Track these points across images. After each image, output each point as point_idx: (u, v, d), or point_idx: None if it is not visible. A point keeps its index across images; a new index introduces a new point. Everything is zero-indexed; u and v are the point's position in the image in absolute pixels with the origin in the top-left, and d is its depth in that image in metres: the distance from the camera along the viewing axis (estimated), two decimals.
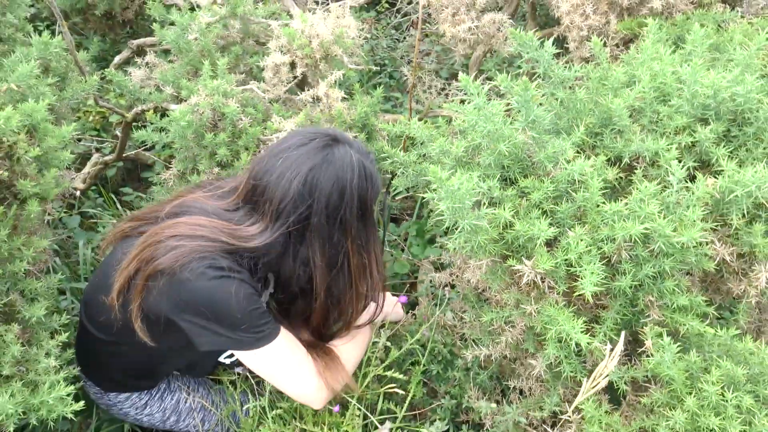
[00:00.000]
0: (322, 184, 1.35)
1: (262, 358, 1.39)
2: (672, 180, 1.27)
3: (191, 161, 1.90)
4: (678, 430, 1.17)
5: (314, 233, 1.39)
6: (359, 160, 1.40)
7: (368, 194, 1.42)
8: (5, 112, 1.39)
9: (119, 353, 1.54)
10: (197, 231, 1.34)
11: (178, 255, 1.30)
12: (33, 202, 1.47)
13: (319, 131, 1.43)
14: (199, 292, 1.29)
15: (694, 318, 1.28)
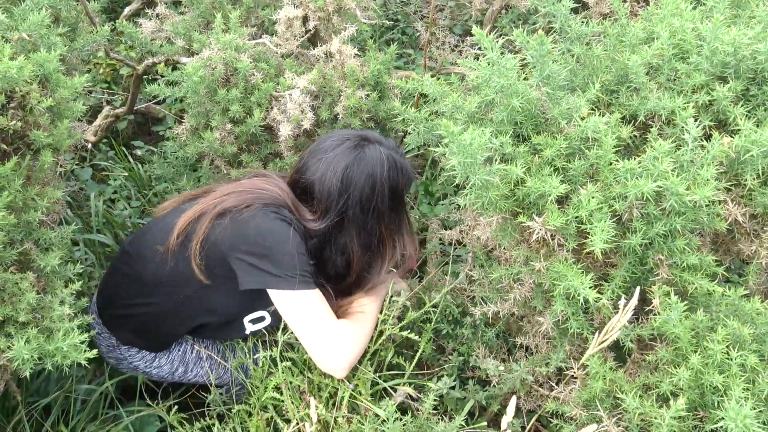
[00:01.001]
0: (356, 180, 1.54)
1: (297, 301, 1.47)
2: (687, 138, 1.26)
3: (204, 117, 1.90)
4: (682, 387, 1.18)
5: (351, 223, 1.57)
6: (389, 155, 1.57)
7: (399, 185, 1.60)
8: (18, 61, 1.38)
9: (153, 305, 1.64)
10: (265, 192, 1.54)
11: (243, 199, 1.51)
12: (46, 153, 1.47)
13: (352, 133, 1.62)
14: (259, 227, 1.46)
15: (704, 277, 1.28)
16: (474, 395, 1.62)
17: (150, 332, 1.69)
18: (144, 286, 1.64)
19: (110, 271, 1.76)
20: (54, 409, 1.71)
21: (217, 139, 1.84)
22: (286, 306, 1.48)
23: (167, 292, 1.61)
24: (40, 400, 1.70)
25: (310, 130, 1.84)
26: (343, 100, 1.84)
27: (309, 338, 1.48)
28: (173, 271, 1.55)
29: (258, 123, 1.82)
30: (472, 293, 1.71)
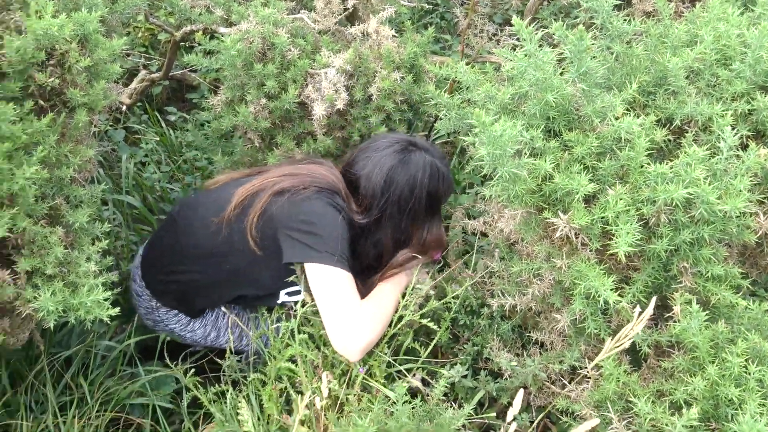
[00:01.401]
0: (398, 181, 1.63)
1: (329, 276, 1.52)
2: (723, 146, 1.24)
3: (239, 89, 1.91)
4: (696, 396, 1.17)
5: (388, 221, 1.66)
6: (433, 163, 1.66)
7: (438, 191, 1.69)
8: (59, 19, 1.40)
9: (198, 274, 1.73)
10: (322, 177, 1.64)
11: (301, 181, 1.61)
12: (81, 112, 1.49)
13: (403, 138, 1.71)
14: (312, 208, 1.57)
15: (728, 289, 1.27)
16: (485, 386, 1.62)
17: (191, 299, 1.78)
18: (191, 256, 1.73)
19: (156, 238, 1.85)
20: (75, 362, 1.76)
21: (252, 113, 1.85)
22: (318, 279, 1.52)
23: (215, 263, 1.69)
24: (61, 352, 1.74)
25: (343, 110, 1.84)
26: (377, 82, 1.83)
27: (330, 315, 1.51)
28: (225, 241, 1.64)
29: (292, 100, 1.83)
30: (492, 286, 1.71)
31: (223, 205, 1.63)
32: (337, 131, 1.95)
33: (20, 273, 1.36)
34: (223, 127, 1.93)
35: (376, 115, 1.88)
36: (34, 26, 1.38)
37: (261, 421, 1.64)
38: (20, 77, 1.42)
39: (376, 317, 1.54)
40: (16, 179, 1.29)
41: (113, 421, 1.75)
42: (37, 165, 1.32)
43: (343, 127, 1.96)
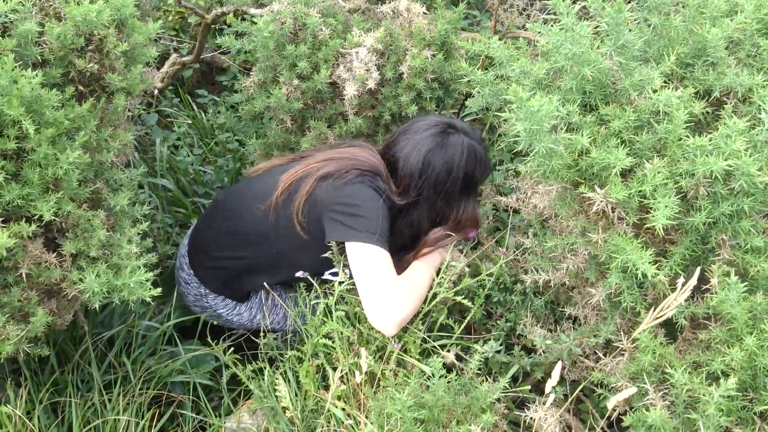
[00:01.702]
0: (435, 163, 1.66)
1: (368, 254, 1.55)
2: (764, 117, 1.22)
3: (271, 71, 1.92)
4: (734, 367, 1.17)
5: (424, 201, 1.69)
6: (471, 145, 1.68)
7: (475, 173, 1.71)
8: (97, 5, 1.42)
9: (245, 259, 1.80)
10: (364, 161, 1.67)
11: (344, 165, 1.65)
12: (120, 96, 1.52)
13: (441, 120, 1.72)
14: (355, 191, 1.61)
15: (767, 261, 1.26)
16: (519, 361, 1.64)
17: (238, 283, 1.84)
18: (239, 242, 1.79)
19: (202, 225, 1.92)
20: (117, 342, 1.81)
21: (284, 94, 1.87)
22: (357, 256, 1.56)
23: (263, 248, 1.75)
24: (104, 333, 1.80)
25: (374, 89, 1.85)
26: (408, 60, 1.83)
27: (367, 291, 1.54)
28: (273, 227, 1.69)
29: (324, 80, 1.84)
30: (525, 263, 1.71)
31: (269, 192, 1.68)
32: (368, 111, 1.96)
33: (66, 256, 1.41)
34: (256, 109, 1.95)
35: (406, 93, 1.88)
36: (73, 12, 1.41)
37: (298, 396, 1.68)
38: (61, 64, 1.45)
39: (411, 293, 1.56)
40: (60, 164, 1.32)
41: (155, 398, 1.80)
42: (79, 150, 1.35)
43: (373, 106, 1.96)
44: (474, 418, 1.39)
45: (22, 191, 1.29)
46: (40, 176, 1.31)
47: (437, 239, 1.71)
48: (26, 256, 1.34)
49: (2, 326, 1.32)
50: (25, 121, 1.25)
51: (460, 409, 1.38)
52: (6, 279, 1.35)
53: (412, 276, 1.62)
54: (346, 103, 1.86)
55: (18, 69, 1.26)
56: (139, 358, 1.81)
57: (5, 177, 1.26)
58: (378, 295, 1.52)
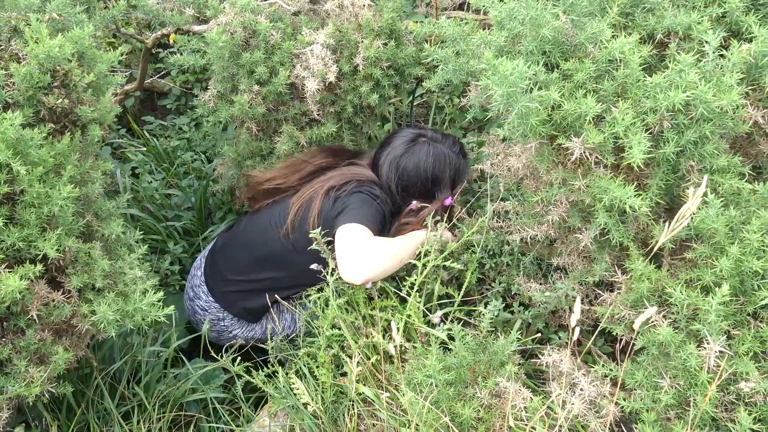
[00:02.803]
0: (404, 167, 1.88)
1: (350, 228, 1.69)
2: (708, 49, 1.34)
3: (229, 81, 1.94)
4: (724, 276, 1.29)
5: (401, 202, 1.90)
6: (440, 150, 1.90)
7: (444, 174, 1.91)
8: (58, 40, 1.42)
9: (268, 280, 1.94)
10: (361, 174, 1.89)
11: (343, 178, 1.86)
12: (94, 128, 1.53)
13: (413, 131, 1.94)
14: (353, 197, 1.80)
15: (732, 177, 1.38)
16: (520, 315, 1.73)
17: (258, 302, 1.95)
18: (262, 264, 1.94)
19: (221, 253, 2.03)
20: (124, 373, 1.80)
21: (246, 101, 1.89)
22: (340, 233, 1.68)
23: (284, 267, 1.91)
24: (110, 367, 1.78)
25: (333, 83, 1.90)
26: (361, 51, 1.89)
27: (339, 248, 1.66)
28: (293, 246, 1.86)
29: (284, 82, 1.87)
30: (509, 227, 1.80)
31: (285, 216, 1.87)
32: (329, 107, 2.01)
33: (72, 291, 1.41)
34: (221, 120, 1.97)
35: (365, 84, 1.94)
36: (36, 51, 1.40)
37: (316, 390, 1.72)
38: (29, 103, 1.44)
39: (380, 248, 1.66)
40: (54, 201, 1.32)
41: (173, 420, 1.81)
42: (69, 185, 1.35)
43: (334, 101, 2.01)
44: (495, 372, 1.47)
45: (22, 233, 1.28)
46: (37, 216, 1.31)
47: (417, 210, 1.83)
48: (33, 298, 1.33)
49: (25, 370, 1.31)
50: (15, 163, 1.25)
51: (482, 365, 1.46)
52: (18, 323, 1.34)
53: (390, 239, 1.75)
54: (309, 100, 1.91)
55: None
56: (149, 384, 1.81)
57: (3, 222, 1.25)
58: (347, 249, 1.64)
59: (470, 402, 1.40)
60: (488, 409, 1.43)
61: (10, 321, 1.34)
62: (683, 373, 1.30)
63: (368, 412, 1.62)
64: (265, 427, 1.75)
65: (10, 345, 1.33)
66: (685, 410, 1.31)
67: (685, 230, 1.42)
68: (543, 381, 1.68)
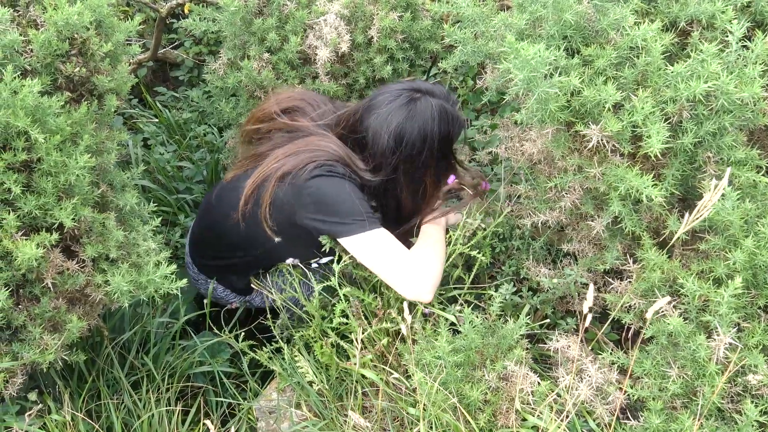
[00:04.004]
0: (408, 136, 1.62)
1: (368, 241, 1.56)
2: (731, 39, 1.33)
3: (240, 49, 1.93)
4: (737, 269, 1.29)
5: (403, 174, 1.67)
6: (440, 107, 1.64)
7: (450, 134, 1.68)
8: (77, 7, 1.42)
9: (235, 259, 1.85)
10: (320, 150, 1.62)
11: (299, 161, 1.59)
12: (111, 98, 1.52)
13: (404, 87, 1.66)
14: (318, 189, 1.56)
15: (749, 170, 1.38)
16: (529, 300, 1.74)
17: (240, 281, 1.92)
18: (226, 245, 1.83)
19: (196, 227, 1.97)
20: (134, 344, 1.82)
21: (255, 68, 1.88)
22: (359, 249, 1.57)
23: (247, 251, 1.80)
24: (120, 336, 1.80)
25: (346, 54, 1.88)
26: (376, 23, 1.88)
27: (389, 273, 1.56)
28: (249, 232, 1.70)
29: (295, 49, 1.86)
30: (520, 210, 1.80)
31: (239, 199, 1.66)
32: (341, 78, 1.99)
33: (86, 261, 1.41)
34: (228, 85, 1.96)
35: (379, 56, 1.92)
36: (54, 18, 1.39)
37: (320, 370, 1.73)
38: (47, 71, 1.44)
39: (430, 258, 1.61)
40: (71, 170, 1.32)
41: (181, 391, 1.83)
42: (86, 154, 1.36)
43: (346, 74, 2.00)
44: (503, 355, 1.48)
45: (38, 201, 1.29)
46: (53, 184, 1.31)
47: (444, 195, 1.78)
48: (48, 266, 1.34)
49: (40, 337, 1.33)
50: (33, 131, 1.25)
51: (490, 349, 1.47)
52: (33, 291, 1.35)
53: (425, 242, 1.68)
54: (320, 70, 1.89)
55: (18, 79, 1.25)
56: (158, 355, 1.83)
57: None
58: (401, 274, 1.55)
59: (478, 384, 1.41)
60: (496, 391, 1.44)
61: (26, 288, 1.35)
62: (692, 364, 1.31)
63: (374, 391, 1.63)
64: (273, 401, 1.77)
65: (26, 312, 1.34)
66: (691, 400, 1.32)
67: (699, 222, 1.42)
68: (549, 366, 1.69)
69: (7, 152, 1.26)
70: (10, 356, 1.33)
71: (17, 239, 1.25)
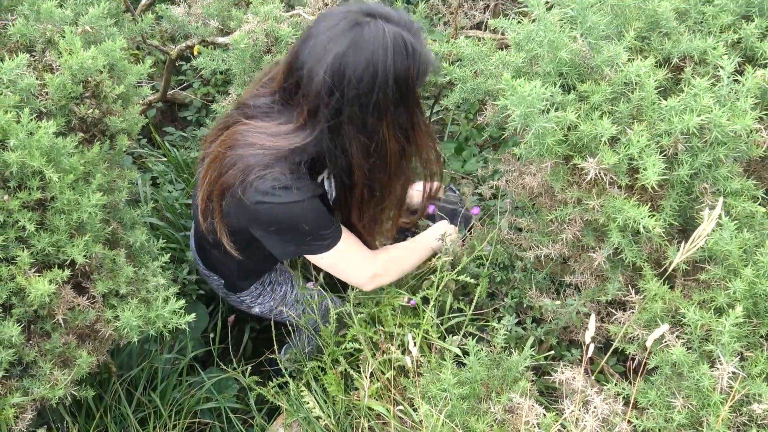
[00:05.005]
0: (351, 71, 1.25)
1: (330, 259, 1.55)
2: (722, 74, 1.37)
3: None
4: (737, 298, 1.31)
5: (348, 123, 1.32)
6: (396, 35, 1.27)
7: (409, 73, 1.30)
8: (91, 51, 1.47)
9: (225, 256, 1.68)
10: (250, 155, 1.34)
11: (235, 174, 1.34)
12: (122, 138, 1.57)
13: (351, 8, 1.30)
14: (267, 209, 1.35)
15: (745, 200, 1.40)
16: (532, 332, 1.75)
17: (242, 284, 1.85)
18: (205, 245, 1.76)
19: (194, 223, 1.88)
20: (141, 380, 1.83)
21: None
22: (322, 263, 1.59)
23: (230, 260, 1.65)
24: (128, 373, 1.82)
25: None
26: None
27: (343, 276, 1.64)
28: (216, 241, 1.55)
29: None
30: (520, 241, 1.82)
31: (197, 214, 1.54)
32: None
33: (97, 297, 1.44)
34: None
35: None
36: (69, 62, 1.45)
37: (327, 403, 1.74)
38: (62, 113, 1.49)
39: (391, 269, 1.68)
40: (83, 208, 1.36)
41: (188, 428, 1.83)
42: (98, 192, 1.40)
43: None
44: (509, 388, 1.49)
45: (51, 238, 1.32)
46: (66, 222, 1.35)
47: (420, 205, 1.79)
48: (60, 302, 1.37)
49: (50, 373, 1.35)
50: (48, 171, 1.29)
51: (495, 381, 1.48)
52: (44, 327, 1.38)
53: (403, 248, 1.75)
54: None
55: (34, 121, 1.30)
56: (165, 391, 1.84)
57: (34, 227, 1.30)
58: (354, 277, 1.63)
59: (484, 417, 1.42)
60: (501, 424, 1.45)
61: (37, 324, 1.38)
62: (696, 394, 1.32)
63: (380, 424, 1.64)
64: None
65: (36, 348, 1.36)
66: (697, 430, 1.32)
67: (699, 252, 1.44)
68: (555, 399, 1.69)
69: (23, 191, 1.30)
70: (21, 392, 1.35)
71: (30, 276, 1.29)
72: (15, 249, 1.29)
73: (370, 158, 1.39)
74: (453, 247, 1.77)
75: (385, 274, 1.68)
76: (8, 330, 1.25)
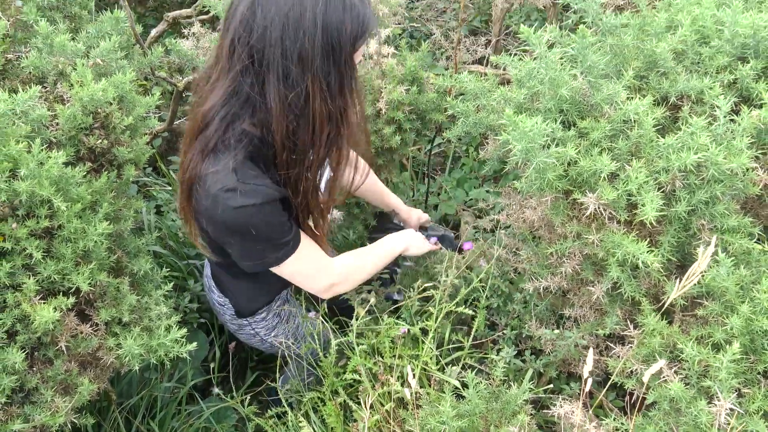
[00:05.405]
0: (272, 7, 1.16)
1: (287, 268, 1.49)
2: (719, 114, 1.40)
3: None
4: (734, 334, 1.32)
5: (269, 71, 1.20)
6: None
7: (343, 27, 1.20)
8: (101, 84, 1.51)
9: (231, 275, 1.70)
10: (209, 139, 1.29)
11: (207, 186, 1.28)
12: (129, 168, 1.60)
13: None
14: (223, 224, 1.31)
15: (742, 237, 1.42)
16: (532, 364, 1.75)
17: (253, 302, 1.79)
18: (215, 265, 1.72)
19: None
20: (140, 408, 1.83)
21: None
22: (280, 272, 1.52)
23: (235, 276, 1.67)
24: (128, 401, 1.82)
25: None
26: (384, 96, 1.97)
27: (301, 284, 1.61)
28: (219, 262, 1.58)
29: None
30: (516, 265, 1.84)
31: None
32: None
33: (100, 324, 1.45)
34: None
35: (387, 127, 2.01)
36: (80, 94, 1.48)
37: None
38: (71, 143, 1.52)
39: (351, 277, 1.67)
40: (89, 236, 1.38)
41: None
42: (104, 221, 1.42)
43: None
44: (507, 421, 1.49)
45: (57, 266, 1.34)
46: (72, 250, 1.37)
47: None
48: (63, 330, 1.38)
49: (51, 400, 1.35)
50: (56, 200, 1.32)
51: (494, 414, 1.48)
52: (47, 354, 1.39)
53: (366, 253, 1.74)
54: None
55: (44, 151, 1.33)
56: (164, 420, 1.84)
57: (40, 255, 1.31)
58: (311, 286, 1.61)
59: None
60: None
61: (40, 351, 1.39)
62: (694, 430, 1.32)
63: None
64: None
65: (39, 374, 1.37)
66: None
67: (697, 288, 1.46)
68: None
69: (31, 219, 1.33)
70: (22, 418, 1.36)
71: (35, 303, 1.30)
72: (21, 276, 1.31)
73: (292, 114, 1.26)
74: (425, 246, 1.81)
75: (344, 282, 1.67)
76: (12, 356, 1.26)
